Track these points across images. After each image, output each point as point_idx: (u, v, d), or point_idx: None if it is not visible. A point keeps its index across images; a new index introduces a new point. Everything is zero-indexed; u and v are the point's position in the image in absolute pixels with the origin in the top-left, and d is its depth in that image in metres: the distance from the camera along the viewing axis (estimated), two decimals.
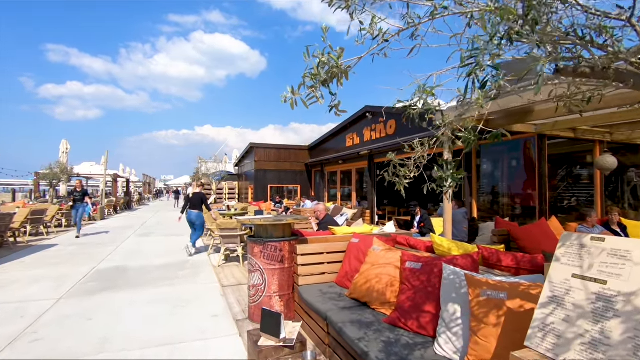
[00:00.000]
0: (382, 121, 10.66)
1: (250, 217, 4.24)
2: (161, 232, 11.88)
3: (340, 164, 13.24)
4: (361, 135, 11.94)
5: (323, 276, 3.89)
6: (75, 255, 7.67)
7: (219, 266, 6.63)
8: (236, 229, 6.59)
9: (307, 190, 16.48)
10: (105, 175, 17.82)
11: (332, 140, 14.37)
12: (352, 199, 12.63)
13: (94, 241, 9.77)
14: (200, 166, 18.45)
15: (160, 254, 7.82)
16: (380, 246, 3.43)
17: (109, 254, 7.83)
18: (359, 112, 11.80)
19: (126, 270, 6.28)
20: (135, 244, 9.35)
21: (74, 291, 5.04)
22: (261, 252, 3.81)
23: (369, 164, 11.11)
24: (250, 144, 15.90)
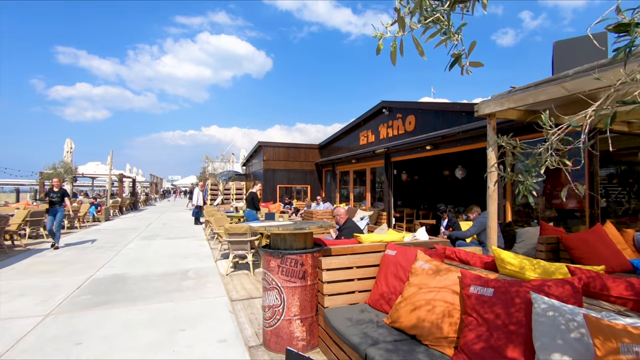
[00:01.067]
0: (400, 117, 9.97)
1: (264, 224, 3.59)
2: (166, 234, 11.33)
3: (353, 163, 12.57)
4: (376, 132, 11.26)
5: (353, 296, 3.23)
6: (72, 262, 7.12)
7: (227, 275, 6.01)
8: (246, 234, 5.97)
9: (317, 191, 15.84)
10: (110, 175, 17.37)
11: (345, 138, 13.70)
12: (366, 200, 11.96)
13: (95, 244, 9.24)
14: (207, 166, 17.93)
15: (164, 260, 7.24)
16: (427, 262, 2.77)
17: (109, 260, 7.26)
18: (375, 107, 11.13)
19: (125, 280, 5.69)
20: (138, 248, 8.79)
21: (65, 306, 4.45)
22: (279, 267, 3.17)
23: (386, 163, 10.43)
24: (259, 143, 15.31)
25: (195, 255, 7.79)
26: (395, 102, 10.10)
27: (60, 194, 8.81)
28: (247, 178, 20.29)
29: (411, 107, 9.45)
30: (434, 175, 13.21)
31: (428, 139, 8.29)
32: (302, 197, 15.90)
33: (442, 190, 13.26)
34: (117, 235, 11.17)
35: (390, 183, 10.41)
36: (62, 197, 8.83)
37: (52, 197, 8.71)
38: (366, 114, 11.74)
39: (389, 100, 10.34)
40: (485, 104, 4.12)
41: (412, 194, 13.19)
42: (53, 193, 8.76)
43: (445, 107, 8.03)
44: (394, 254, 3.20)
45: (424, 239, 4.52)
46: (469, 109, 7.48)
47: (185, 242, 9.79)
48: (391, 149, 9.94)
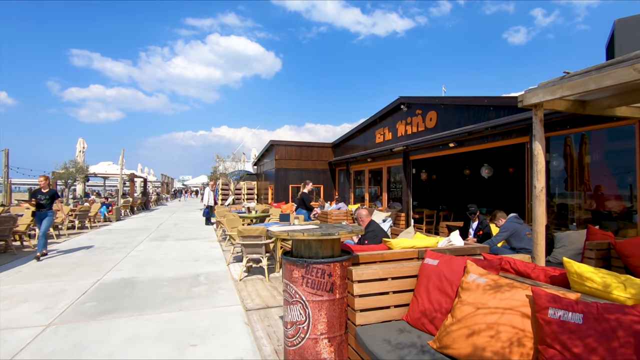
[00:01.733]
0: (420, 113, 9.48)
1: (285, 228, 3.19)
2: (177, 235, 11.06)
3: (368, 162, 12.12)
4: (394, 130, 10.79)
5: (388, 311, 2.80)
6: (80, 264, 6.85)
7: (240, 280, 5.64)
8: (261, 237, 5.58)
9: (330, 191, 15.42)
10: (122, 174, 17.24)
11: (360, 136, 13.25)
12: (382, 200, 11.49)
13: (105, 245, 8.99)
14: (218, 165, 17.65)
15: (174, 263, 6.91)
16: (482, 275, 2.33)
17: (117, 263, 6.97)
18: (392, 104, 10.66)
19: (133, 285, 5.36)
20: (148, 249, 8.50)
21: (68, 314, 4.13)
22: (303, 278, 2.76)
23: (404, 161, 9.95)
24: (271, 142, 14.97)
25: (206, 258, 7.45)
26: (414, 97, 9.61)
27: (50, 196, 7.45)
28: (258, 178, 19.98)
29: (432, 103, 8.95)
30: (454, 175, 12.67)
31: (451, 136, 7.79)
32: (315, 197, 15.50)
33: (462, 190, 12.70)
34: (127, 236, 10.93)
35: (409, 183, 9.92)
36: (51, 199, 7.47)
37: (40, 198, 7.35)
38: (382, 110, 11.27)
39: (408, 96, 9.85)
40: (532, 93, 3.64)
41: (429, 194, 12.67)
42: (41, 194, 7.38)
43: (471, 101, 7.52)
44: (436, 263, 2.76)
45: (459, 244, 4.06)
46: (498, 102, 6.98)
47: (196, 243, 9.48)
48: (410, 147, 9.45)
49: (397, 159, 10.43)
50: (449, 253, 3.67)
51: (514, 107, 6.61)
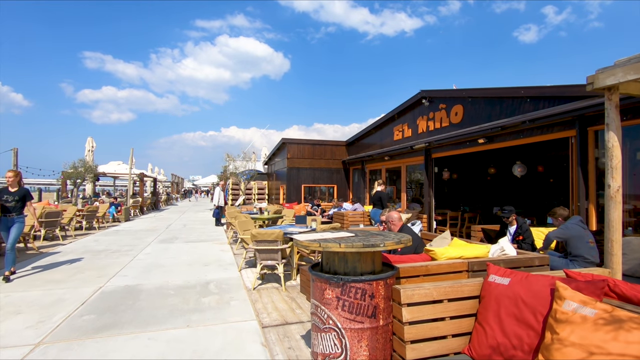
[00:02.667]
0: (444, 107, 8.84)
1: (315, 236, 2.64)
2: (186, 237, 10.62)
3: (385, 161, 11.51)
4: (414, 126, 10.16)
5: (445, 342, 2.23)
6: (83, 268, 6.41)
7: (254, 289, 5.11)
8: (277, 242, 5.04)
9: (344, 191, 14.85)
10: (131, 174, 16.95)
11: (376, 134, 12.64)
12: (401, 201, 10.87)
13: (111, 248, 8.58)
14: (228, 164, 17.23)
15: (183, 268, 6.43)
16: (585, 304, 1.73)
17: (123, 267, 6.52)
18: (412, 98, 10.03)
19: (137, 294, 4.88)
20: (155, 252, 8.05)
21: (62, 331, 3.64)
22: (339, 300, 2.21)
23: (426, 159, 9.32)
24: (283, 140, 14.46)
25: (216, 262, 6.96)
26: (438, 90, 8.98)
27: (20, 197, 5.74)
28: (269, 177, 19.50)
29: (458, 96, 8.30)
30: (476, 174, 11.97)
31: (481, 132, 7.15)
32: (327, 198, 14.94)
33: (485, 191, 12.00)
34: (135, 237, 10.53)
35: (431, 182, 9.29)
36: (21, 202, 5.80)
37: (6, 200, 5.62)
38: (401, 106, 10.65)
39: (430, 89, 9.21)
40: (608, 72, 3.01)
41: (449, 194, 11.99)
42: (7, 194, 5.66)
43: (505, 92, 6.87)
44: (507, 282, 2.18)
45: (512, 253, 3.46)
46: (536, 93, 6.31)
47: (206, 246, 9.01)
48: (433, 144, 8.82)
49: (417, 156, 9.81)
50: (504, 265, 3.07)
51: (555, 97, 5.95)
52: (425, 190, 9.39)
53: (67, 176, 15.50)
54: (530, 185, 10.86)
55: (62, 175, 16.46)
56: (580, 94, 5.36)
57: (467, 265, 3.04)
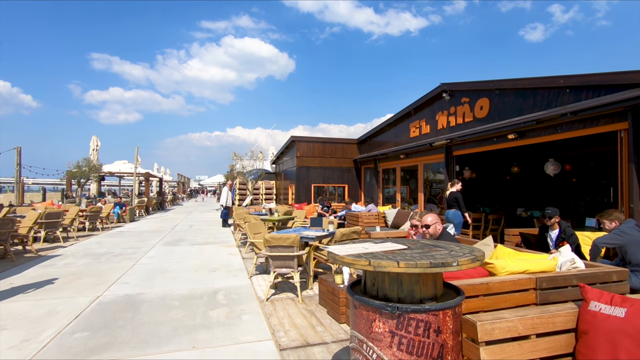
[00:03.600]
0: (467, 101, 8.24)
1: (358, 251, 2.09)
2: (192, 238, 10.14)
3: (401, 159, 10.93)
4: (433, 122, 9.57)
5: None
6: (82, 274, 5.94)
7: (267, 300, 4.58)
8: (293, 248, 4.51)
9: (355, 191, 14.28)
10: (136, 174, 16.54)
11: (390, 131, 12.06)
12: (418, 201, 10.28)
13: (114, 250, 8.12)
14: (235, 163, 16.76)
15: (189, 275, 5.93)
16: None
17: (124, 273, 6.04)
18: (431, 92, 9.44)
19: (138, 306, 4.37)
20: (160, 256, 7.57)
21: (48, 351, 3.15)
22: (393, 336, 1.66)
23: (446, 157, 8.73)
24: (292, 138, 13.94)
25: (225, 268, 6.45)
26: (460, 83, 8.38)
27: None
28: (277, 177, 18.99)
29: (484, 89, 7.70)
30: (497, 173, 11.34)
31: (511, 126, 6.55)
32: (337, 198, 14.39)
33: (506, 190, 11.37)
34: (139, 239, 10.08)
35: None
36: None
37: None
38: (419, 101, 10.07)
39: (452, 82, 8.62)
40: None
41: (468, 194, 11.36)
42: None
43: (539, 83, 6.26)
44: (623, 314, 1.61)
45: (581, 266, 2.88)
46: (578, 82, 5.70)
47: (213, 249, 8.51)
48: (455, 141, 8.23)
49: (436, 154, 9.22)
50: (577, 281, 2.50)
51: (602, 86, 5.34)
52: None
53: (71, 176, 15.13)
54: (557, 185, 10.21)
55: (66, 174, 16.10)
56: (635, 81, 4.75)
57: (534, 282, 2.48)
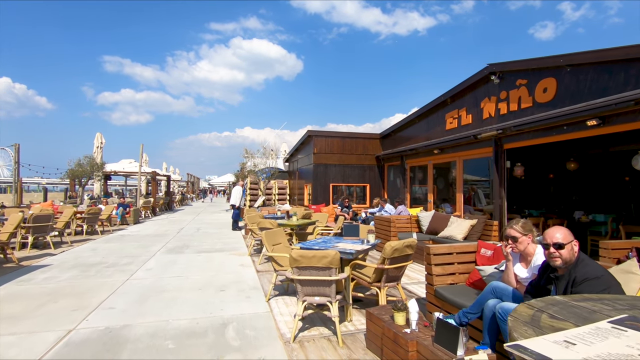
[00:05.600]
0: (524, 84, 6.89)
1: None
2: (199, 244, 8.98)
3: (435, 155, 9.59)
4: (476, 110, 8.22)
5: None
6: (59, 294, 4.79)
7: (294, 341, 3.33)
8: (330, 270, 3.26)
9: (378, 191, 12.97)
10: (140, 173, 15.51)
11: (419, 123, 10.73)
12: (456, 203, 8.94)
13: (107, 260, 6.99)
14: (247, 161, 15.59)
15: (191, 295, 4.73)
16: None
17: (113, 292, 4.87)
18: (474, 77, 8.10)
19: (119, 349, 3.18)
20: (160, 268, 6.42)
21: None
22: None
23: (496, 152, 7.39)
24: (308, 132, 12.70)
25: (236, 285, 5.25)
26: (514, 62, 7.01)
27: None
28: (290, 176, 17.77)
29: (548, 66, 6.33)
30: (548, 169, 9.92)
31: (593, 110, 5.20)
32: (356, 199, 13.08)
33: (560, 190, 9.94)
34: (140, 245, 8.96)
35: (502, 180, 7.35)
36: None
37: None
38: (457, 88, 8.72)
39: (503, 62, 7.26)
40: None
41: (517, 196, 9.97)
42: None
43: (636, 52, 4.89)
44: None
45: None
46: None
47: (222, 258, 7.33)
48: (509, 131, 6.88)
49: (482, 148, 7.88)
50: None
51: None
52: (495, 191, 7.45)
53: (72, 174, 14.16)
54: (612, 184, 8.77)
55: (68, 173, 15.12)
56: None
57: None
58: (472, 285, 3.72)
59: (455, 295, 3.45)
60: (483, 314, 2.80)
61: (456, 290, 3.61)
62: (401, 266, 3.90)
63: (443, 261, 3.83)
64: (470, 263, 3.96)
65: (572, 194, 10.54)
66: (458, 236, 7.31)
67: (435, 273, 3.75)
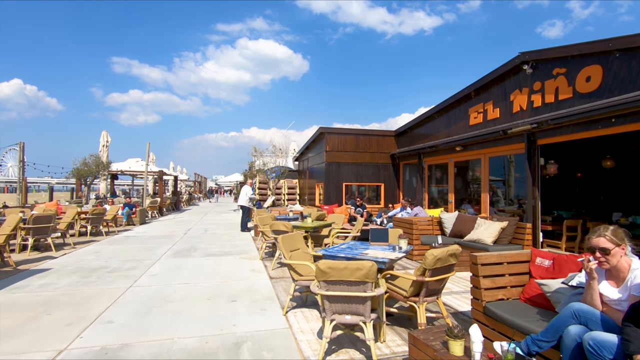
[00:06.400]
0: (562, 73, 6.28)
1: None
2: (207, 246, 8.52)
3: (457, 152, 9.00)
4: (505, 103, 7.62)
5: None
6: (54, 305, 4.33)
7: None
8: (366, 285, 2.72)
9: (392, 191, 12.40)
10: (147, 172, 15.12)
11: (439, 119, 10.14)
12: (481, 203, 8.34)
13: (110, 264, 6.55)
14: (255, 160, 15.11)
15: (199, 306, 4.24)
16: None
17: (113, 302, 4.40)
18: (504, 67, 7.50)
19: None
20: (166, 273, 5.94)
21: None
22: None
23: (529, 148, 6.79)
24: (320, 129, 12.16)
25: (248, 295, 4.74)
26: (550, 49, 6.40)
27: None
28: (300, 175, 17.26)
29: (592, 52, 5.71)
30: (581, 167, 9.26)
31: None
32: (370, 199, 12.51)
33: (593, 189, 9.27)
34: (145, 247, 8.52)
35: (536, 178, 6.75)
36: None
37: None
38: (482, 80, 8.12)
39: (536, 50, 6.66)
40: None
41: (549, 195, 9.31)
42: None
43: None
44: None
45: None
46: None
47: (232, 262, 6.84)
48: (545, 125, 6.27)
49: (512, 144, 7.28)
50: None
51: None
52: (529, 190, 6.85)
53: (78, 173, 13.81)
54: None
55: (73, 172, 14.79)
56: None
57: None
58: (530, 301, 3.15)
59: (512, 314, 2.89)
60: (562, 343, 2.25)
61: (511, 307, 3.05)
62: (443, 278, 3.35)
63: (492, 272, 3.27)
64: (523, 275, 3.40)
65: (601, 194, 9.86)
66: (487, 240, 6.72)
67: (484, 286, 3.20)
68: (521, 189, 9.30)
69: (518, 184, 9.56)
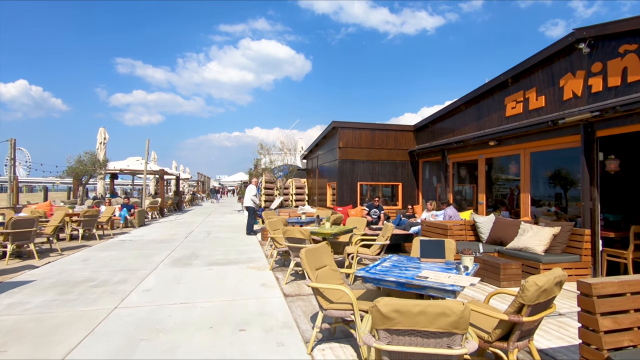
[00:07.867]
0: (632, 50, 5.26)
1: None
2: (210, 253, 7.58)
3: (489, 147, 8.00)
4: (553, 90, 6.61)
5: None
6: (14, 337, 3.40)
7: None
8: (453, 336, 1.74)
9: (411, 190, 11.40)
10: (146, 171, 14.22)
11: (466, 111, 9.14)
12: (521, 205, 7.34)
13: (98, 275, 5.63)
14: (261, 158, 14.19)
15: (199, 339, 3.29)
16: None
17: (91, 330, 3.46)
18: (552, 47, 6.49)
19: None
20: (161, 289, 5.01)
21: None
22: None
23: (586, 141, 5.79)
24: (333, 124, 11.18)
25: (260, 321, 3.79)
26: (615, 23, 5.39)
27: None
28: (308, 174, 16.29)
29: None
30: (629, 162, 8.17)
31: None
32: (387, 200, 11.52)
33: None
34: (141, 253, 7.60)
35: (594, 177, 5.74)
36: None
37: None
38: (524, 64, 7.09)
39: (597, 24, 5.65)
40: None
41: (610, 196, 8.23)
42: None
43: None
44: None
45: None
46: None
47: (238, 273, 5.89)
48: (609, 113, 5.26)
49: (562, 137, 6.28)
50: None
51: None
52: (585, 190, 5.85)
53: (72, 172, 12.95)
54: None
55: (67, 170, 13.91)
56: None
57: None
58: None
59: None
60: None
61: None
62: (542, 316, 2.38)
63: (612, 308, 2.30)
64: None
65: None
66: (537, 249, 5.74)
67: (604, 328, 2.23)
68: (565, 189, 8.28)
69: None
